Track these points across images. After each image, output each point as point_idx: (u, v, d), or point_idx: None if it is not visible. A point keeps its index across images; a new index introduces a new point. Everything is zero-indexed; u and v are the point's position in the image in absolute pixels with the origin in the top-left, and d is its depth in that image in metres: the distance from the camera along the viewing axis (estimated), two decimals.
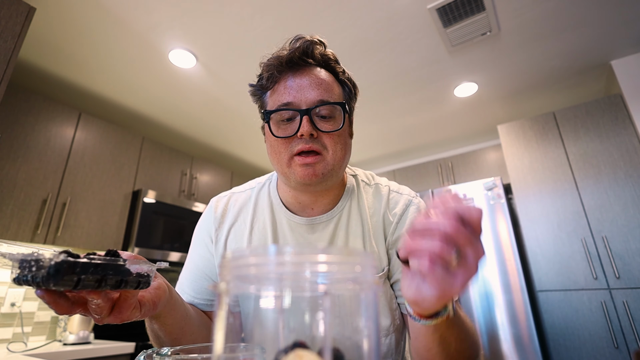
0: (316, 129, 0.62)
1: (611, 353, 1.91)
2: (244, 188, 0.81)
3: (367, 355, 0.23)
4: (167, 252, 2.56)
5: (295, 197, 0.71)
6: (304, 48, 0.65)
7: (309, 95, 0.63)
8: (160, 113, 2.79)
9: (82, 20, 1.88)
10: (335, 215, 0.71)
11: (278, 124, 0.65)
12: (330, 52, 0.69)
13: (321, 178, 0.63)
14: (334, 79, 0.68)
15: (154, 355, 0.36)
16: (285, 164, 0.64)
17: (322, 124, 0.63)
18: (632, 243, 2.00)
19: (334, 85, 0.67)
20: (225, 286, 0.24)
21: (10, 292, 2.08)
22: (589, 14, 1.89)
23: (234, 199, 0.79)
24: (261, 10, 1.83)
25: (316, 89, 0.63)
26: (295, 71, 0.65)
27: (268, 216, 0.73)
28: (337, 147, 0.64)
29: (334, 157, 0.64)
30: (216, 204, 0.78)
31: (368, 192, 0.75)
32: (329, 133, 0.63)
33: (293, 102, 0.63)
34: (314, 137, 0.62)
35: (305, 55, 0.65)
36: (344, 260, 0.24)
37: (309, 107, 0.62)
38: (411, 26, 1.95)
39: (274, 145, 0.65)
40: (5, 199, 1.92)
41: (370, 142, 3.36)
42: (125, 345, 1.93)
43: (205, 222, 0.78)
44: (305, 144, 0.62)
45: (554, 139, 2.41)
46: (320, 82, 0.65)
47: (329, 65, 0.68)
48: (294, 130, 0.62)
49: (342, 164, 0.67)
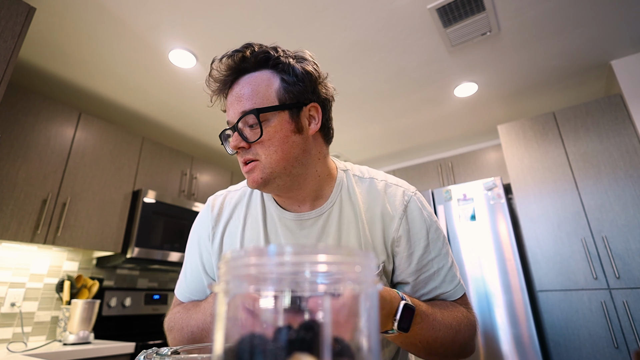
0: (245, 141, 0.64)
1: (611, 353, 1.91)
2: (239, 186, 0.81)
3: (367, 355, 0.23)
4: (167, 252, 2.56)
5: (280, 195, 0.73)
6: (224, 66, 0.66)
7: (234, 110, 0.65)
8: (160, 113, 2.79)
9: (82, 20, 1.88)
10: (325, 211, 0.70)
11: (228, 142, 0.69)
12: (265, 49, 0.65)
13: (262, 183, 0.64)
14: (272, 75, 0.65)
15: (154, 355, 0.36)
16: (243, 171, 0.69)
17: (249, 134, 0.64)
18: (632, 243, 2.00)
19: (264, 87, 0.64)
20: (224, 286, 0.24)
21: (10, 292, 2.08)
22: (589, 14, 1.89)
23: (230, 197, 0.79)
24: (261, 11, 1.83)
25: (239, 102, 0.64)
26: (230, 88, 0.68)
27: (260, 212, 0.74)
28: (270, 150, 0.63)
29: (270, 161, 0.63)
30: (213, 203, 0.79)
31: (362, 186, 0.74)
32: (257, 142, 0.63)
33: (229, 121, 0.67)
34: (247, 149, 0.65)
35: (227, 73, 0.66)
36: (344, 260, 0.24)
37: (235, 123, 0.65)
38: (411, 26, 1.95)
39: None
40: (5, 199, 1.92)
41: (370, 142, 3.36)
42: (125, 345, 1.93)
43: (202, 220, 0.79)
44: (241, 157, 0.66)
45: (554, 139, 2.41)
46: (242, 93, 0.64)
47: (265, 64, 0.66)
48: None
49: (286, 163, 0.64)
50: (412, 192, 0.72)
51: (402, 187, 0.73)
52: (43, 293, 2.22)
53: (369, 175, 0.75)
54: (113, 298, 2.46)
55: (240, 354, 0.22)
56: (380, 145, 3.44)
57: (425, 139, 3.32)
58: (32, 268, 2.21)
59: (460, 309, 0.66)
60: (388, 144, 3.42)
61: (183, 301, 0.78)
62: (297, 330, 0.23)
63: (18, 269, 2.14)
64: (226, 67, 0.66)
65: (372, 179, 0.75)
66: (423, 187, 3.21)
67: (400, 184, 0.74)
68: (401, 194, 0.71)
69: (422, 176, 3.29)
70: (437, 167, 3.24)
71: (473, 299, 2.43)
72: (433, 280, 0.68)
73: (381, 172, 0.78)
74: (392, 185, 0.73)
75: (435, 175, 3.23)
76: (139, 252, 2.39)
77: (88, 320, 1.99)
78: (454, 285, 0.69)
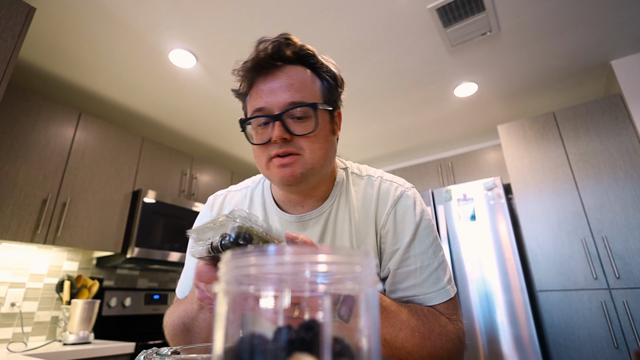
0: (289, 133, 0.61)
1: (611, 353, 1.91)
2: (240, 187, 0.81)
3: (367, 355, 0.23)
4: (167, 252, 2.56)
5: (285, 195, 0.72)
6: (272, 50, 0.63)
7: (279, 98, 0.61)
8: (160, 113, 2.79)
9: (82, 20, 1.88)
10: (325, 210, 0.70)
11: (256, 130, 0.65)
12: (306, 47, 0.66)
13: (300, 178, 0.62)
14: (313, 74, 0.66)
15: (154, 355, 0.36)
16: (265, 166, 0.64)
17: (295, 127, 0.61)
18: (632, 243, 2.00)
19: (310, 82, 0.64)
20: (224, 286, 0.24)
21: (10, 292, 2.08)
22: (589, 14, 1.89)
23: (230, 197, 0.79)
24: (261, 11, 1.83)
25: (287, 91, 0.61)
26: (266, 75, 0.63)
27: (261, 214, 0.74)
28: (315, 147, 0.62)
29: (313, 157, 0.62)
30: (213, 202, 0.79)
31: (359, 184, 0.74)
32: (303, 135, 0.61)
33: (265, 108, 0.62)
34: (289, 141, 0.61)
35: (273, 58, 0.63)
36: (344, 260, 0.24)
37: (281, 110, 0.61)
38: (411, 26, 1.95)
39: (255, 150, 0.66)
40: (5, 199, 1.92)
41: (370, 142, 3.36)
42: (125, 345, 1.93)
43: (202, 219, 0.79)
44: (279, 149, 0.61)
45: (554, 139, 2.41)
46: (291, 83, 0.62)
47: (305, 61, 0.65)
48: (269, 135, 0.61)
49: (324, 162, 0.65)
50: (405, 188, 0.72)
51: (397, 183, 0.73)
52: (43, 293, 2.22)
53: (366, 173, 0.76)
54: (113, 298, 2.46)
55: (240, 354, 0.22)
56: (380, 145, 3.44)
57: (425, 139, 3.32)
58: (32, 268, 2.21)
59: (439, 318, 0.61)
60: (388, 144, 3.42)
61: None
62: (297, 330, 0.23)
63: (18, 269, 2.14)
64: (272, 52, 0.63)
65: (369, 176, 0.75)
66: (423, 187, 3.21)
67: (396, 180, 0.74)
68: (394, 189, 0.71)
69: (422, 176, 3.29)
70: (437, 167, 3.24)
71: (473, 299, 2.43)
72: (413, 277, 0.65)
73: (380, 170, 0.78)
74: (387, 182, 0.73)
75: (435, 175, 3.23)
76: (139, 252, 2.39)
77: (88, 320, 1.99)
78: (437, 289, 0.64)
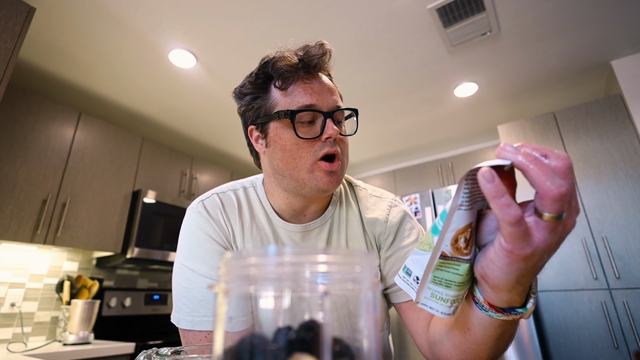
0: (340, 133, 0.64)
1: (611, 353, 1.91)
2: (226, 188, 0.73)
3: (367, 355, 0.23)
4: (167, 252, 2.56)
5: (289, 204, 0.67)
6: (322, 54, 0.65)
7: (329, 99, 0.63)
8: (160, 113, 2.79)
9: (82, 20, 1.88)
10: (328, 218, 0.71)
11: (298, 126, 0.62)
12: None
13: (337, 185, 0.64)
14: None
15: (154, 355, 0.36)
16: (307, 169, 0.61)
17: (342, 128, 0.66)
18: (632, 243, 2.00)
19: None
20: (224, 286, 0.24)
21: (10, 292, 2.08)
22: (589, 14, 1.89)
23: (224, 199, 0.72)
24: (261, 11, 1.83)
25: (333, 95, 0.65)
26: (310, 75, 0.64)
27: (265, 226, 0.69)
28: (347, 151, 0.66)
29: (345, 162, 0.65)
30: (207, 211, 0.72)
31: (352, 191, 0.78)
32: (345, 138, 0.65)
33: (316, 105, 0.61)
34: (336, 142, 0.63)
35: (324, 62, 0.66)
36: (344, 261, 0.24)
37: (330, 111, 0.62)
38: (411, 26, 1.95)
39: (293, 150, 0.61)
40: (5, 199, 1.92)
41: (370, 142, 3.36)
42: (125, 346, 1.93)
43: (203, 228, 0.70)
44: (331, 147, 0.61)
45: (554, 139, 2.41)
46: (334, 88, 0.66)
47: (329, 74, 0.71)
48: (317, 132, 0.61)
49: (346, 168, 0.69)
50: (392, 199, 0.76)
51: (383, 197, 0.77)
52: (43, 293, 2.22)
53: (354, 184, 0.80)
54: (113, 298, 2.46)
55: (240, 354, 0.22)
56: (380, 145, 3.44)
57: (425, 139, 3.32)
58: (32, 268, 2.21)
59: None
60: (388, 144, 3.42)
61: None
62: (297, 331, 0.23)
63: (18, 269, 2.14)
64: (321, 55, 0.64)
65: (356, 186, 0.79)
66: (423, 187, 3.22)
67: (383, 194, 0.78)
68: (382, 202, 0.75)
69: (422, 176, 3.29)
70: (437, 167, 3.24)
71: None
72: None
73: (360, 181, 0.83)
74: (374, 197, 0.77)
75: (435, 175, 3.23)
76: (139, 253, 2.39)
77: (88, 320, 1.99)
78: None
